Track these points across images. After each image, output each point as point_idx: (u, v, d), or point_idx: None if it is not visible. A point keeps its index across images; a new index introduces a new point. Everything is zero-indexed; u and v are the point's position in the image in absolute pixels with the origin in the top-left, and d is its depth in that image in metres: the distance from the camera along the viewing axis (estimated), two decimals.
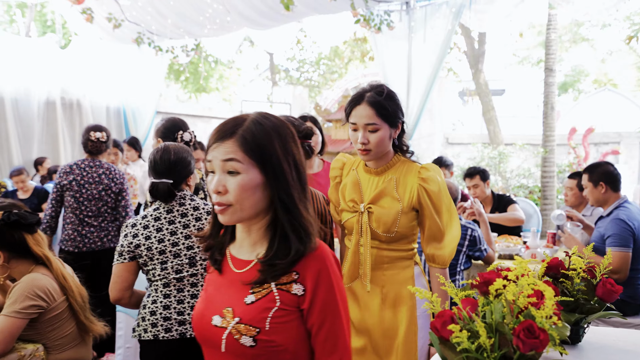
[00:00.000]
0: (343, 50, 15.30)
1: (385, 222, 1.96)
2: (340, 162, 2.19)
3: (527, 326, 1.04)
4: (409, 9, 6.27)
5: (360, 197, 2.03)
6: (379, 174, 2.02)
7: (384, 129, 1.91)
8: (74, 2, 5.54)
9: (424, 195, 1.94)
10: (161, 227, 2.20)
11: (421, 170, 1.98)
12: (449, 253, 1.99)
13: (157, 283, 2.22)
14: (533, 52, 16.05)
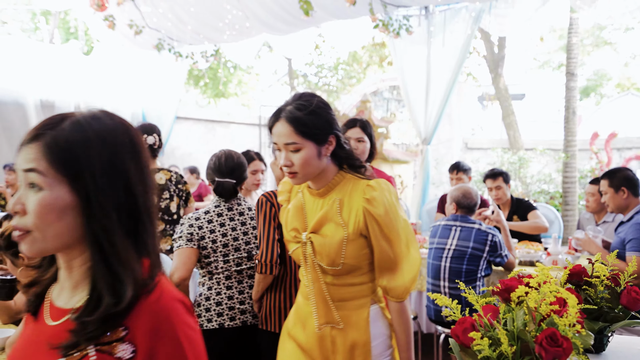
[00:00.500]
0: (361, 55, 15.30)
1: (328, 253, 1.66)
2: (288, 184, 1.88)
3: (550, 334, 1.02)
4: (428, 14, 6.25)
5: (303, 224, 1.75)
6: (322, 196, 1.73)
7: (307, 147, 1.62)
8: (97, 10, 5.63)
9: (370, 219, 1.64)
10: (224, 222, 2.49)
11: (366, 189, 1.66)
12: (405, 285, 1.68)
13: (219, 276, 2.48)
14: (554, 56, 15.86)
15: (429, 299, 3.57)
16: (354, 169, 1.75)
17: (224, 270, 2.47)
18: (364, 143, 2.84)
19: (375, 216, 1.62)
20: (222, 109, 14.95)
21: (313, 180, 1.71)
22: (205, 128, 10.52)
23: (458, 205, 3.51)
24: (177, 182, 3.51)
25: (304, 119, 1.60)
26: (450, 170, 5.20)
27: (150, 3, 6.13)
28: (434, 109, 6.41)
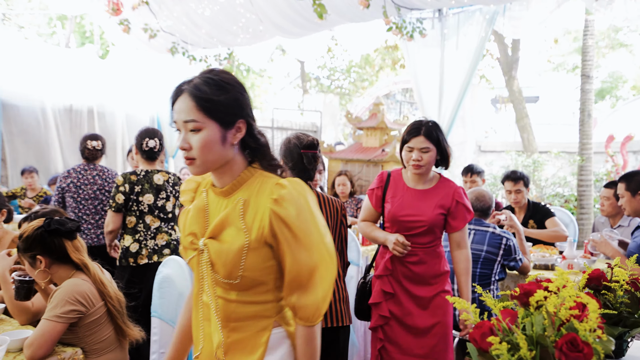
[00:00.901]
0: (374, 58, 15.29)
1: (225, 262, 1.39)
2: (194, 182, 1.61)
3: (570, 339, 1.01)
4: (442, 16, 6.24)
5: (203, 229, 1.48)
6: (227, 195, 1.46)
7: (209, 128, 1.37)
8: (112, 14, 5.69)
9: (278, 222, 1.36)
10: None
11: (274, 187, 1.39)
12: (316, 303, 1.38)
13: None
14: (568, 59, 15.73)
15: None
16: (269, 167, 1.48)
17: None
18: (430, 153, 2.56)
19: (284, 218, 1.35)
20: None
21: (217, 174, 1.45)
22: None
23: (477, 207, 3.50)
24: (174, 183, 3.71)
25: (209, 93, 1.38)
26: (464, 173, 5.17)
27: (165, 7, 6.19)
28: (447, 111, 6.38)
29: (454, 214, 2.60)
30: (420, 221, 2.57)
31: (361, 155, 6.73)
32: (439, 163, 2.67)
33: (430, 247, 2.64)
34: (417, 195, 2.63)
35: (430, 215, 2.57)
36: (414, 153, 2.55)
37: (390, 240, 2.59)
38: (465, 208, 2.61)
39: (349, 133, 13.18)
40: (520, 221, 4.33)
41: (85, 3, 6.46)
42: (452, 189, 2.61)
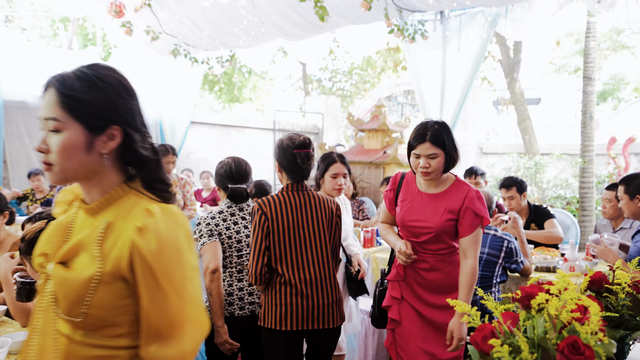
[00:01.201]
0: (376, 60, 15.30)
1: (67, 294, 1.13)
2: (71, 193, 1.33)
3: (571, 342, 1.01)
4: (443, 18, 6.25)
5: (57, 250, 1.22)
6: (93, 214, 1.22)
7: (72, 130, 1.15)
8: (115, 16, 5.70)
9: (137, 256, 1.11)
10: (236, 221, 2.70)
11: (141, 213, 1.15)
12: (182, 354, 1.15)
13: (232, 269, 2.69)
14: (570, 61, 15.73)
15: None
16: (149, 187, 1.24)
17: (237, 265, 2.68)
18: (438, 159, 2.40)
19: (143, 252, 1.11)
20: (237, 114, 15.03)
21: (84, 187, 1.23)
22: (219, 133, 10.58)
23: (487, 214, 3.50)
24: None
25: (77, 90, 1.15)
26: (466, 175, 5.18)
27: (167, 9, 6.20)
28: (449, 113, 6.39)
29: (462, 220, 2.43)
30: (427, 227, 2.45)
31: (363, 157, 6.73)
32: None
33: (442, 255, 2.51)
34: (427, 199, 2.50)
35: (437, 221, 2.43)
36: (422, 160, 2.42)
37: (397, 247, 2.51)
38: (475, 213, 2.41)
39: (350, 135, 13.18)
40: (522, 225, 4.33)
41: (88, 5, 6.47)
42: (464, 193, 2.44)
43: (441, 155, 2.40)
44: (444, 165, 2.44)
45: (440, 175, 2.48)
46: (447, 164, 2.44)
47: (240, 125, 11.20)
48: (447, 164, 2.44)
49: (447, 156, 2.41)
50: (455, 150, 2.47)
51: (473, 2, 5.18)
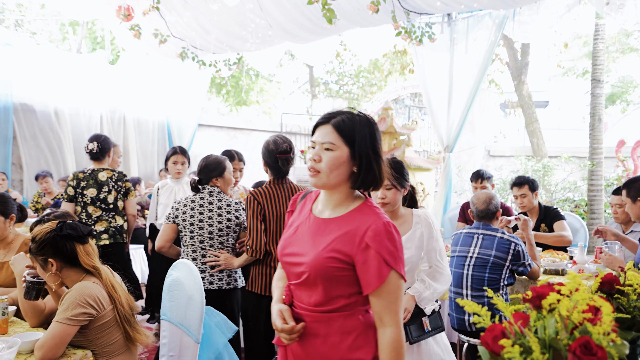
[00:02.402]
0: (382, 62, 15.30)
1: None
2: None
3: (583, 342, 1.00)
4: (451, 21, 6.24)
5: None
6: None
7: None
8: (123, 19, 5.73)
9: None
10: (194, 207, 3.24)
11: None
12: None
13: (187, 248, 3.28)
14: (578, 63, 15.65)
15: (451, 308, 3.53)
16: None
17: (191, 245, 3.25)
18: (335, 154, 1.62)
19: None
20: (244, 117, 15.08)
21: None
22: (227, 135, 10.61)
23: (473, 212, 3.50)
24: (117, 179, 4.49)
25: None
26: (473, 179, 5.16)
27: (175, 12, 6.23)
28: (456, 116, 6.37)
29: (362, 265, 1.56)
30: (300, 264, 1.64)
31: None
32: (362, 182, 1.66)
33: (326, 313, 1.63)
34: (315, 225, 1.69)
35: (316, 257, 1.59)
36: (314, 154, 1.64)
37: (273, 314, 1.71)
38: (382, 258, 1.54)
39: None
40: (533, 226, 4.30)
41: (97, 9, 6.52)
42: (366, 224, 1.57)
43: (343, 152, 1.60)
44: (346, 170, 1.61)
45: (338, 186, 1.65)
46: (358, 173, 1.62)
47: (248, 127, 11.22)
48: (358, 173, 1.62)
49: (357, 159, 1.61)
50: (379, 160, 1.63)
51: (481, 5, 5.17)
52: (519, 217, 3.72)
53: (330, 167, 1.59)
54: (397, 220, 2.66)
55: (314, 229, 1.68)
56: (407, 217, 2.70)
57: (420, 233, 2.65)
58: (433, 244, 2.67)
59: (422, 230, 2.65)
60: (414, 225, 2.66)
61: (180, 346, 2.51)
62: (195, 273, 2.63)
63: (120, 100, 8.02)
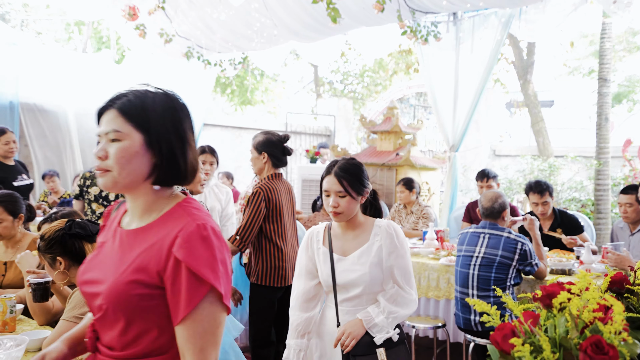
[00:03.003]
0: (387, 62, 15.28)
1: None
2: None
3: (595, 342, 1.00)
4: (457, 20, 6.22)
5: None
6: None
7: None
8: (129, 19, 5.74)
9: None
10: None
11: None
12: None
13: None
14: (584, 62, 15.58)
15: (457, 307, 3.53)
16: None
17: None
18: (124, 144, 1.21)
19: None
20: (249, 116, 15.10)
21: None
22: (232, 135, 10.62)
23: (480, 211, 3.49)
24: None
25: None
26: (479, 178, 5.14)
27: (181, 12, 6.24)
28: (461, 115, 6.35)
29: (172, 287, 1.17)
30: (97, 294, 1.24)
31: (375, 159, 6.71)
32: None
33: (129, 359, 1.23)
34: (122, 241, 1.29)
35: (114, 284, 1.21)
36: (98, 149, 1.27)
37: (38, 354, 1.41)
38: (198, 274, 1.14)
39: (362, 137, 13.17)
40: (547, 230, 4.27)
41: (103, 8, 6.53)
42: (175, 232, 1.19)
43: (134, 140, 1.23)
44: (144, 164, 1.24)
45: (130, 183, 1.25)
46: (159, 165, 1.26)
47: (253, 127, 11.22)
48: (159, 165, 1.26)
49: (155, 147, 1.25)
50: (185, 147, 1.30)
51: (487, 3, 5.15)
52: (526, 216, 3.70)
53: (120, 161, 1.20)
54: (355, 230, 2.30)
55: (119, 247, 1.27)
56: (365, 227, 2.30)
57: (378, 247, 2.22)
58: (394, 260, 2.21)
59: (380, 243, 2.22)
60: (371, 237, 2.25)
61: None
62: None
63: None
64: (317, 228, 2.38)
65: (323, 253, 2.31)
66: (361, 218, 2.33)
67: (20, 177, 4.78)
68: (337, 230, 2.34)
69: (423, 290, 4.12)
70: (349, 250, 2.27)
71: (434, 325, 3.77)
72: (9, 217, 2.97)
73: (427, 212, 5.27)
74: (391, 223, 2.28)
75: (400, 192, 5.39)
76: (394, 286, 2.22)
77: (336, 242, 2.31)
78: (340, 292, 2.24)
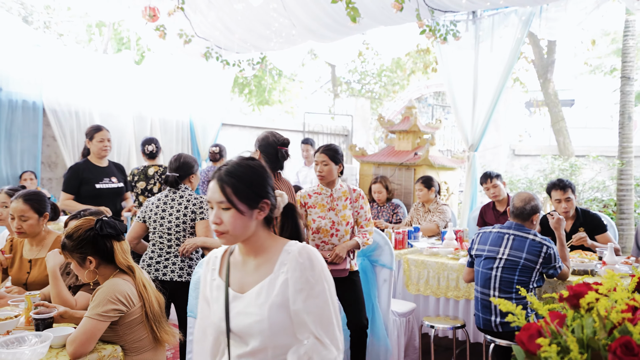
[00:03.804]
0: (405, 61, 15.22)
1: None
2: None
3: (624, 342, 0.98)
4: (476, 18, 6.17)
5: None
6: None
7: None
8: (149, 20, 5.79)
9: None
10: (158, 204, 3.49)
11: None
12: None
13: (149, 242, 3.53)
14: (606, 61, 15.33)
15: (477, 308, 3.49)
16: None
17: (152, 239, 3.49)
18: None
19: None
20: (266, 116, 15.15)
21: None
22: (250, 134, 10.66)
23: (510, 210, 3.46)
24: (161, 173, 5.20)
25: None
26: (482, 181, 5.14)
27: (200, 12, 6.28)
28: (481, 115, 6.30)
29: None
30: None
31: (393, 158, 6.69)
32: None
33: None
34: None
35: None
36: None
37: None
38: None
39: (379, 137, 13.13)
40: (569, 229, 4.21)
41: (123, 10, 6.61)
42: None
43: None
44: None
45: None
46: None
47: (271, 127, 11.26)
48: None
49: None
50: None
51: (507, 2, 5.10)
52: (552, 214, 3.64)
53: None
54: (257, 258, 1.65)
55: None
56: (272, 254, 1.64)
57: (282, 281, 1.57)
58: (304, 301, 1.55)
59: (286, 276, 1.57)
60: (276, 267, 1.60)
61: None
62: None
63: (145, 100, 8.12)
64: (216, 252, 1.76)
65: (217, 287, 1.68)
66: (267, 241, 1.66)
67: (108, 180, 4.52)
68: (237, 257, 1.70)
69: (442, 291, 4.10)
70: (247, 284, 1.63)
71: (454, 326, 3.75)
72: (35, 215, 3.03)
73: (443, 209, 5.28)
74: (306, 248, 1.60)
75: (419, 190, 5.39)
76: (309, 336, 1.55)
77: (235, 272, 1.68)
78: (235, 343, 1.61)
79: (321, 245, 3.59)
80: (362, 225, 3.68)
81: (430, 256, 4.30)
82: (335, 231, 3.58)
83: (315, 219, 3.58)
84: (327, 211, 3.59)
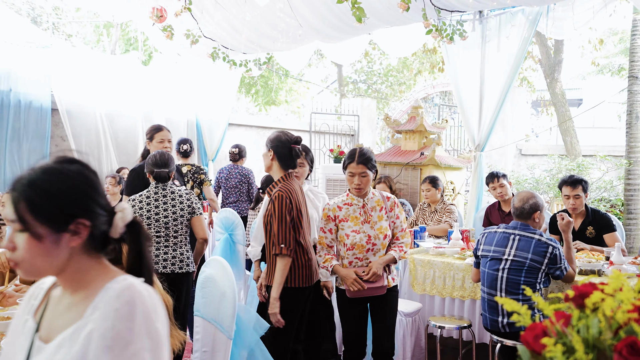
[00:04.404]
0: (411, 61, 15.19)
1: None
2: None
3: (630, 343, 0.98)
4: (483, 18, 6.16)
5: None
6: None
7: None
8: (156, 20, 5.82)
9: None
10: (149, 201, 3.56)
11: None
12: None
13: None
14: (614, 60, 15.25)
15: (484, 308, 3.49)
16: None
17: None
18: None
19: None
20: (273, 116, 15.17)
21: None
22: (256, 134, 10.70)
23: (512, 210, 3.45)
24: (194, 172, 5.40)
25: None
26: (489, 181, 5.13)
27: (206, 13, 6.30)
28: (487, 115, 6.29)
29: None
30: None
31: (400, 158, 6.69)
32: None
33: None
34: None
35: None
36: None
37: None
38: None
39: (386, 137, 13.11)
40: (577, 227, 4.20)
41: (131, 10, 6.65)
42: None
43: None
44: None
45: None
46: None
47: (277, 127, 11.28)
48: None
49: None
50: None
51: (514, 1, 5.09)
52: (562, 214, 3.62)
53: None
54: (73, 295, 1.23)
55: None
56: (90, 292, 1.20)
57: (88, 332, 1.13)
58: None
59: (94, 325, 1.13)
60: (88, 311, 1.16)
61: (213, 342, 2.55)
62: (227, 270, 2.67)
63: (153, 100, 8.16)
64: (44, 283, 1.34)
65: (26, 331, 1.26)
66: (91, 273, 1.23)
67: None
68: (58, 291, 1.30)
69: (448, 290, 4.10)
70: (54, 331, 1.21)
71: (460, 326, 3.75)
72: None
73: (452, 209, 5.29)
74: (131, 288, 1.18)
75: (426, 189, 5.39)
76: None
77: (49, 313, 1.27)
78: None
79: (354, 262, 3.24)
80: (398, 237, 3.34)
81: (436, 256, 4.30)
82: (372, 246, 3.22)
83: (349, 234, 3.23)
84: (361, 224, 3.24)
